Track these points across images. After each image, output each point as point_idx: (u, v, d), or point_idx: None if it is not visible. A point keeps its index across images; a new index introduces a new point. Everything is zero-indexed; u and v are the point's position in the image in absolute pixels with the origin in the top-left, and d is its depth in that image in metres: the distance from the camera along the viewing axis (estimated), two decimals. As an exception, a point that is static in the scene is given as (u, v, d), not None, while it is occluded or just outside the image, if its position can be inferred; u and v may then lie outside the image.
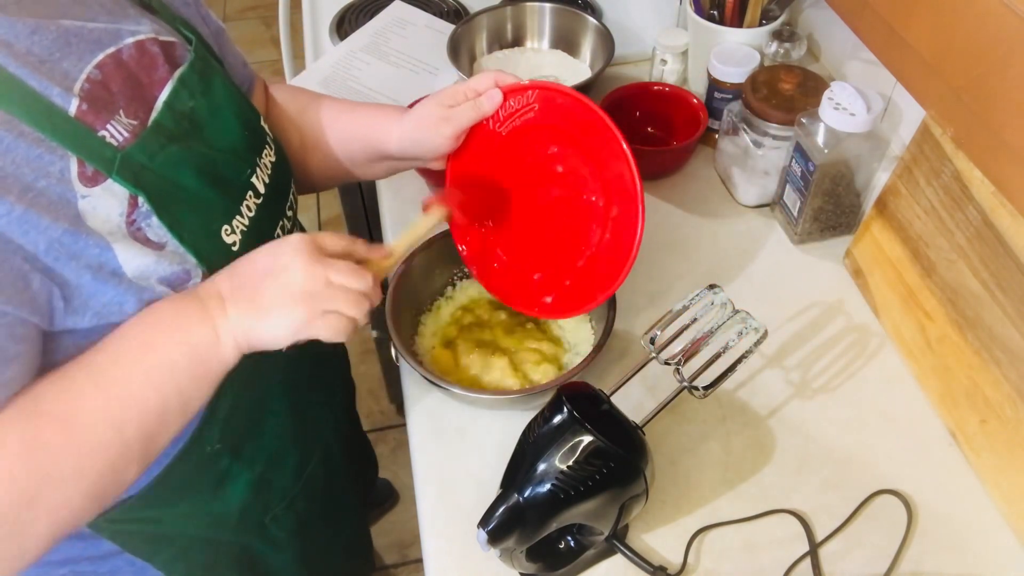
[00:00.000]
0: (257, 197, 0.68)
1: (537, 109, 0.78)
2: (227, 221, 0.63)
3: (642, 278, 0.93)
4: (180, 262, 0.59)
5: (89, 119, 0.55)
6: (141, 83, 0.60)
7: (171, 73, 0.62)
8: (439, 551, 0.73)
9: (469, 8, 1.30)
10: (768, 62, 1.02)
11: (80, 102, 0.54)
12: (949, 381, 0.78)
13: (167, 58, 0.63)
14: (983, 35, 0.51)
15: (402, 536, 1.62)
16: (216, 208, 0.63)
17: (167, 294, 0.59)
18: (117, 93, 0.58)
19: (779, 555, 0.71)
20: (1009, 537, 0.72)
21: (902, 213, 0.83)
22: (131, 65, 0.60)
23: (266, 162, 0.70)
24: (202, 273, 0.61)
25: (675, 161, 1.04)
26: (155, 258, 0.57)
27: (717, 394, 0.81)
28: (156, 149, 0.58)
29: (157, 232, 0.58)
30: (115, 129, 0.56)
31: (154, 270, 0.58)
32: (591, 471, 0.62)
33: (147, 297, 0.58)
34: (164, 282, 0.59)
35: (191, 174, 0.61)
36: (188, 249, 0.59)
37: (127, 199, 0.56)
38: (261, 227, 0.68)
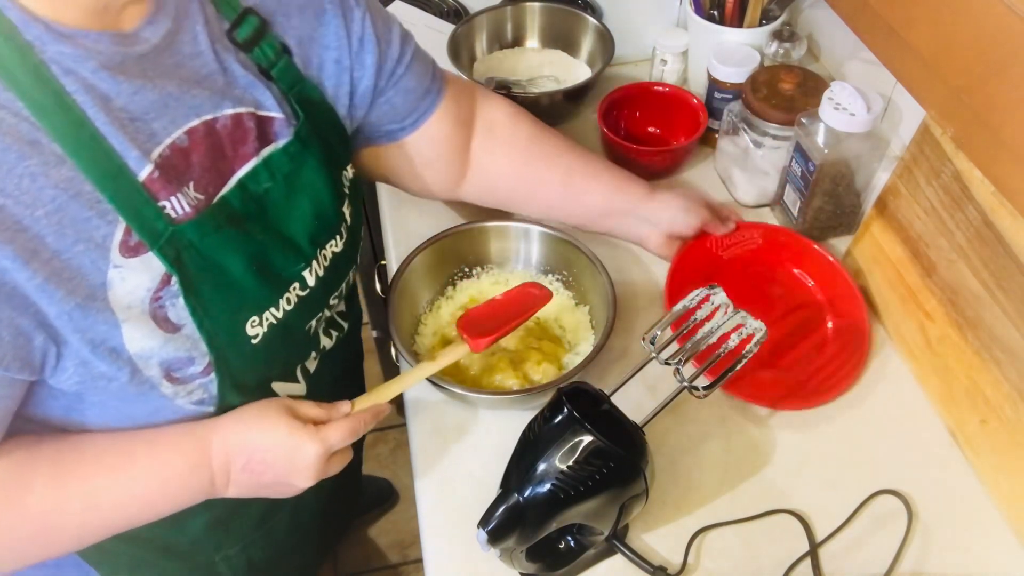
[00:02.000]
0: (303, 289, 0.66)
1: (761, 243, 0.93)
2: (258, 313, 0.62)
3: (642, 278, 0.93)
4: (189, 348, 0.58)
5: (155, 188, 0.54)
6: (225, 156, 0.59)
7: (259, 151, 0.61)
8: (439, 551, 0.73)
9: (469, 8, 1.29)
10: (768, 62, 1.02)
11: (154, 169, 0.54)
12: (949, 381, 0.78)
13: (260, 134, 0.61)
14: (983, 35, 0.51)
15: (402, 536, 1.63)
16: (252, 298, 0.61)
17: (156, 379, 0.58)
18: (196, 164, 0.57)
19: (779, 555, 0.71)
20: (1009, 537, 0.72)
21: (902, 213, 0.83)
22: (221, 135, 0.58)
23: (327, 253, 0.68)
24: (206, 362, 0.60)
25: (675, 161, 1.04)
26: (163, 341, 0.57)
27: (717, 394, 0.82)
28: (210, 229, 0.57)
29: (179, 314, 0.57)
30: (178, 202, 0.55)
31: (158, 353, 0.57)
32: (591, 471, 0.62)
33: (139, 377, 0.57)
34: (163, 365, 0.58)
35: (239, 260, 0.59)
36: (203, 336, 0.58)
37: (160, 276, 0.55)
38: (293, 321, 0.66)
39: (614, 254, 0.95)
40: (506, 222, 0.90)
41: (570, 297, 0.90)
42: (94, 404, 0.59)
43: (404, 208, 1.02)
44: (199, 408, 0.62)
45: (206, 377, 0.60)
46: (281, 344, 0.66)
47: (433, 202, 1.01)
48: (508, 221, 0.90)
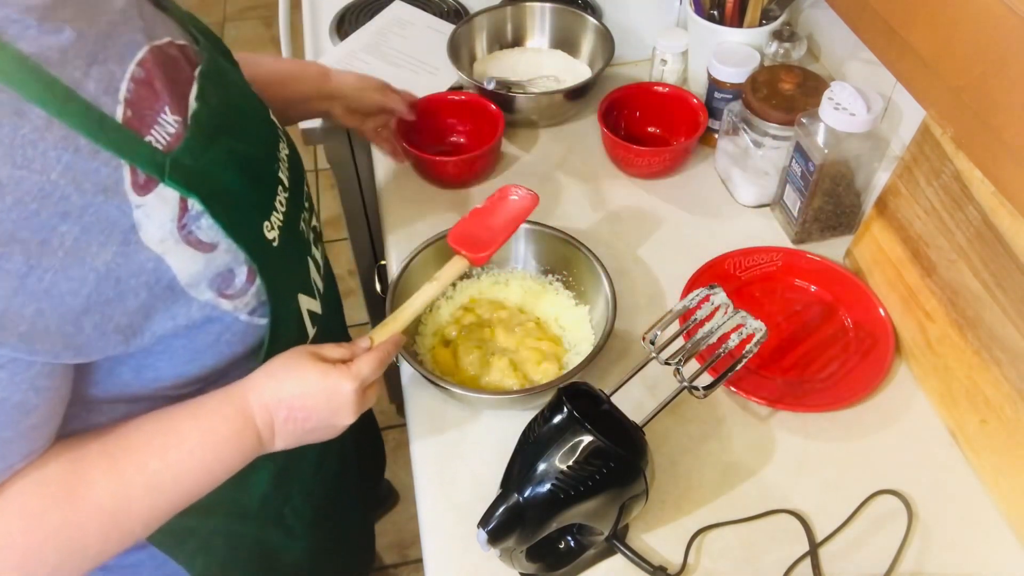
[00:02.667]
0: (284, 191, 0.68)
1: (780, 264, 0.93)
2: (267, 216, 0.64)
3: (642, 278, 0.93)
4: (229, 262, 0.60)
5: (136, 125, 0.54)
6: (176, 79, 0.60)
7: (192, 72, 0.62)
8: (439, 551, 0.73)
9: (469, 8, 1.30)
10: (768, 62, 1.02)
11: (126, 108, 0.54)
12: (949, 381, 0.78)
13: (186, 60, 0.62)
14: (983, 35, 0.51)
15: (402, 536, 1.63)
16: (257, 204, 0.64)
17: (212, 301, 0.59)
18: (160, 90, 0.57)
19: (779, 555, 0.71)
20: (1009, 537, 0.72)
21: (902, 213, 0.83)
22: (164, 61, 0.60)
23: (283, 155, 0.71)
24: (246, 271, 0.61)
25: (675, 161, 1.04)
26: (205, 261, 0.58)
27: (717, 394, 0.82)
28: (200, 151, 0.58)
29: (208, 233, 0.58)
30: (159, 133, 0.56)
31: (204, 274, 0.58)
32: (591, 471, 0.62)
33: (197, 303, 0.59)
34: (212, 285, 0.59)
35: (233, 172, 0.61)
36: (240, 246, 0.60)
37: (178, 203, 0.56)
38: (290, 222, 0.69)
39: (614, 254, 0.95)
40: (506, 222, 0.90)
41: (570, 297, 0.90)
42: (161, 353, 0.60)
43: (404, 208, 1.02)
44: (254, 320, 0.64)
45: (252, 285, 0.62)
46: (292, 246, 0.68)
47: (433, 202, 1.02)
48: (508, 221, 0.90)
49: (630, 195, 1.03)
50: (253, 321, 0.64)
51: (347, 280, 2.08)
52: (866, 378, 0.82)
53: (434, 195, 1.03)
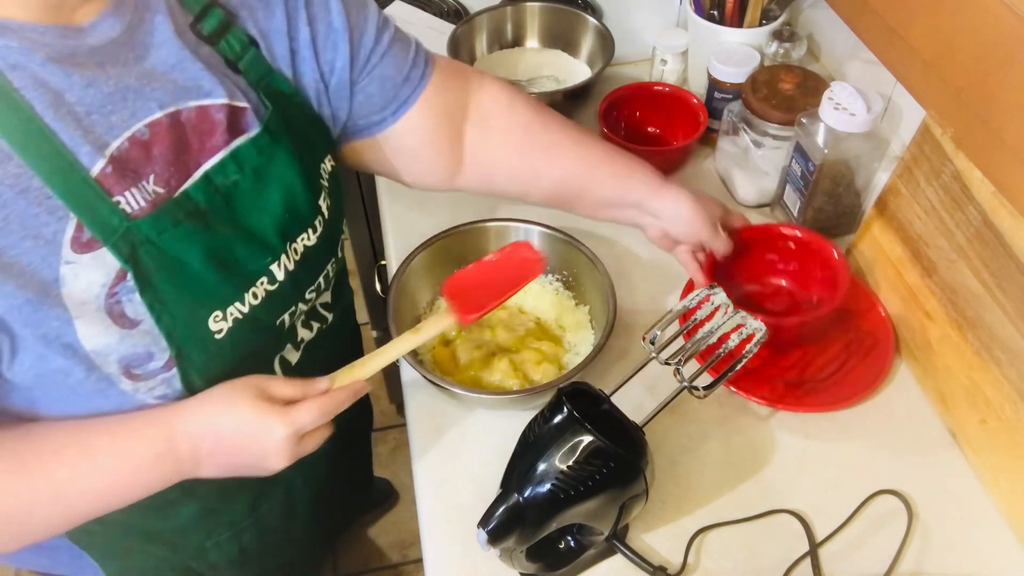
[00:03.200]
0: (272, 284, 0.65)
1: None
2: (221, 307, 0.61)
3: (642, 278, 0.93)
4: (148, 344, 0.58)
5: (108, 183, 0.53)
6: (190, 148, 0.58)
7: (227, 143, 0.60)
8: (439, 551, 0.73)
9: (469, 8, 1.29)
10: (768, 62, 1.02)
11: (107, 164, 0.53)
12: (949, 381, 0.78)
13: (230, 126, 0.60)
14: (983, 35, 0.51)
15: (402, 536, 1.63)
16: (213, 293, 0.61)
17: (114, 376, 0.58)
18: (157, 156, 0.56)
19: (779, 555, 0.71)
20: (1009, 537, 0.72)
21: (902, 213, 0.83)
22: (186, 128, 0.58)
23: (298, 247, 0.67)
24: (167, 357, 0.59)
25: (675, 161, 1.04)
26: (119, 337, 0.56)
27: (717, 394, 0.82)
28: (168, 224, 0.56)
29: (136, 309, 0.56)
30: (133, 197, 0.55)
31: (115, 349, 0.56)
32: (591, 471, 0.62)
33: (96, 373, 0.57)
34: (122, 361, 0.57)
35: (198, 255, 0.59)
36: (162, 332, 0.58)
37: (116, 271, 0.54)
38: (262, 315, 0.65)
39: (614, 254, 0.95)
40: (506, 222, 0.90)
41: (570, 297, 0.90)
42: (55, 399, 0.59)
43: (404, 208, 1.02)
44: (162, 403, 0.62)
45: (168, 372, 0.60)
46: (250, 339, 0.65)
47: (433, 202, 1.01)
48: (508, 221, 0.90)
49: (630, 195, 1.03)
50: (162, 404, 0.62)
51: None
52: (866, 378, 0.82)
53: (434, 195, 1.03)
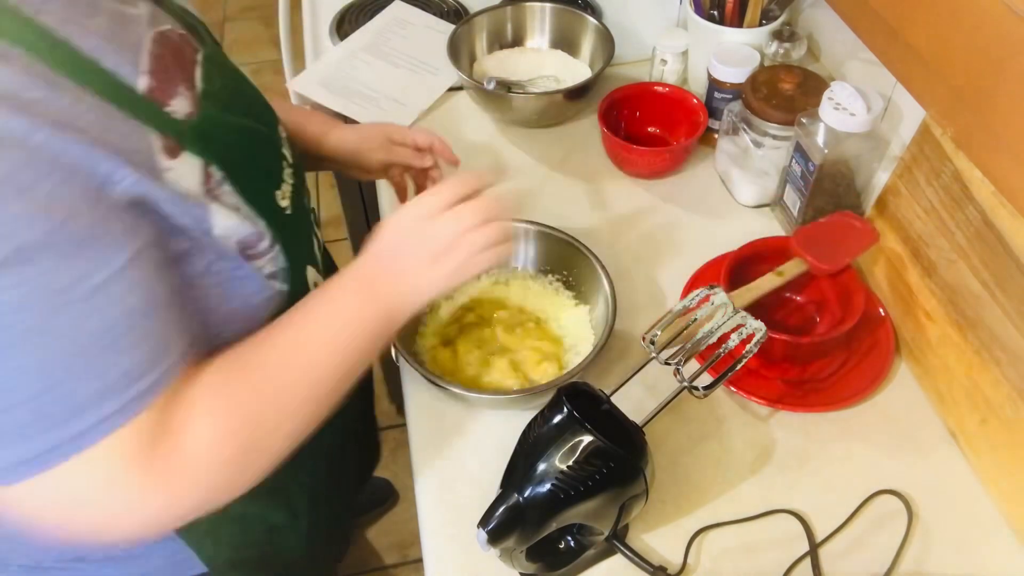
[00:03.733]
0: (288, 164, 0.70)
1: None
2: (278, 186, 0.66)
3: (642, 278, 0.93)
4: (253, 224, 0.61)
5: (157, 95, 0.56)
6: (182, 62, 0.61)
7: (195, 56, 0.63)
8: (439, 551, 0.73)
9: (469, 8, 1.30)
10: (768, 62, 1.02)
11: (149, 79, 0.55)
12: (949, 381, 0.78)
13: (188, 45, 0.64)
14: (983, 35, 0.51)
15: (402, 536, 1.63)
16: (269, 174, 0.66)
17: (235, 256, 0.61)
18: (172, 67, 0.59)
19: (779, 555, 0.71)
20: (1009, 537, 0.72)
21: (902, 213, 0.83)
22: (169, 48, 0.61)
23: (283, 135, 0.72)
24: (269, 236, 0.63)
25: (675, 161, 1.04)
26: (237, 220, 0.59)
27: (717, 394, 0.82)
28: (215, 120, 0.60)
29: (230, 199, 0.59)
30: (179, 103, 0.57)
31: (236, 230, 0.60)
32: (591, 471, 0.62)
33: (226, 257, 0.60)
34: (241, 243, 0.61)
35: (245, 140, 0.63)
36: (257, 212, 0.62)
37: (202, 169, 0.57)
38: (297, 192, 0.71)
39: (614, 254, 0.95)
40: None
41: (570, 297, 0.90)
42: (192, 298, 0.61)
43: (404, 208, 1.02)
44: (273, 283, 0.65)
45: (272, 250, 0.63)
46: (300, 217, 0.70)
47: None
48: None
49: (630, 195, 1.03)
50: (273, 285, 0.65)
51: (347, 280, 2.08)
52: (866, 378, 0.82)
53: (434, 195, 1.03)
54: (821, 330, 0.86)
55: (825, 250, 0.83)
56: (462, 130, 1.13)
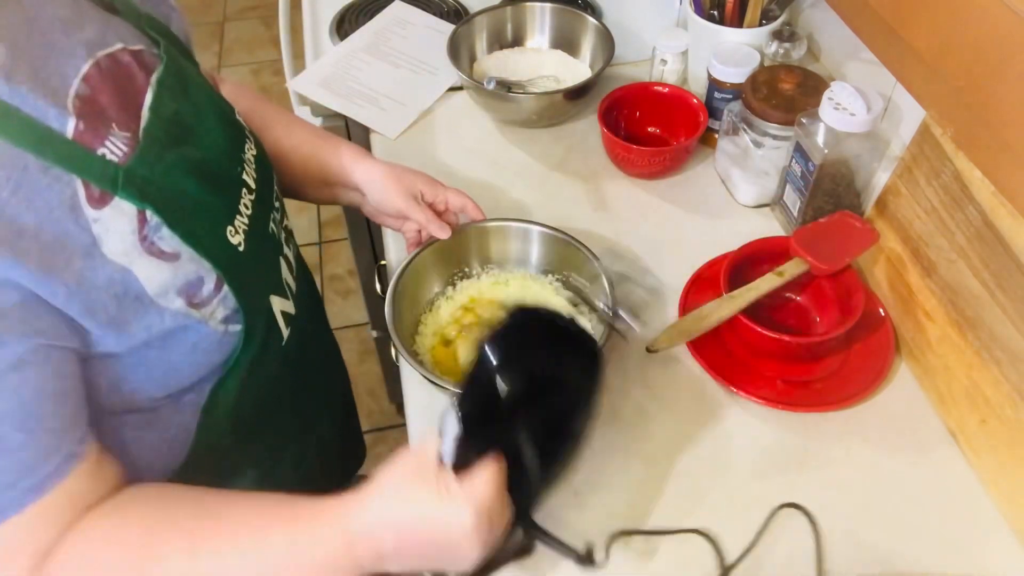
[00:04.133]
0: (250, 193, 0.68)
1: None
2: (230, 222, 0.64)
3: (641, 278, 0.93)
4: (195, 270, 0.60)
5: (87, 139, 0.54)
6: (125, 92, 0.59)
7: (147, 80, 0.61)
8: (439, 551, 0.73)
9: (469, 8, 1.30)
10: (768, 62, 1.02)
11: (77, 121, 0.53)
12: (949, 381, 0.78)
13: (140, 66, 0.61)
14: (983, 35, 0.51)
15: (402, 536, 1.62)
16: (218, 211, 0.63)
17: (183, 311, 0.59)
18: (107, 105, 0.57)
19: (787, 550, 0.71)
20: (1009, 537, 0.72)
21: (902, 213, 0.83)
22: (112, 76, 0.58)
23: (249, 156, 0.70)
24: (214, 278, 0.61)
25: (675, 161, 1.04)
26: (172, 270, 0.58)
27: (717, 394, 0.82)
28: (154, 160, 0.58)
29: (170, 243, 0.58)
30: (113, 145, 0.55)
31: (172, 283, 0.58)
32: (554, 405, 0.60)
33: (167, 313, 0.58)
34: (181, 293, 0.59)
35: (191, 180, 0.61)
36: (202, 254, 0.59)
37: (136, 215, 0.55)
38: (257, 224, 0.68)
39: (614, 254, 0.95)
40: (507, 222, 0.90)
41: (570, 297, 0.90)
42: (136, 366, 0.59)
43: (404, 208, 1.02)
44: (228, 327, 0.63)
45: (219, 293, 0.62)
46: (259, 249, 0.68)
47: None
48: (508, 221, 0.90)
49: (630, 195, 1.03)
50: (227, 329, 0.64)
51: (347, 280, 2.08)
52: (866, 378, 0.82)
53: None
54: (821, 330, 0.86)
55: (825, 250, 0.83)
56: (462, 130, 1.13)
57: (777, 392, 0.81)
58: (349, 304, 1.98)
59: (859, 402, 0.81)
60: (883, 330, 0.85)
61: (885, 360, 0.83)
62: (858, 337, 0.85)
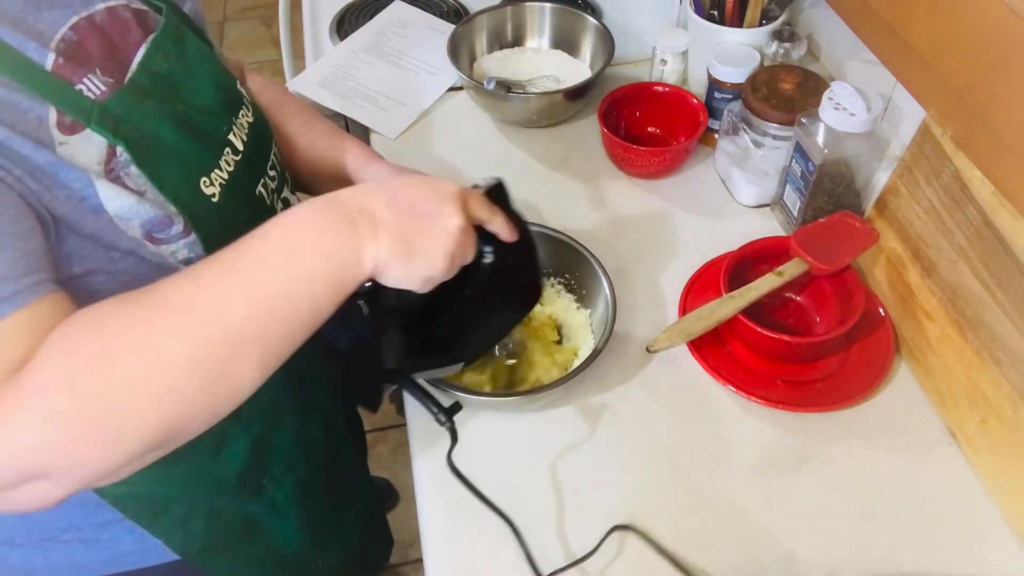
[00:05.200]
0: (235, 154, 0.68)
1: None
2: (205, 173, 0.64)
3: (642, 278, 0.93)
4: (161, 208, 0.60)
5: (66, 73, 0.55)
6: (116, 45, 0.60)
7: (144, 38, 0.63)
8: (439, 551, 0.73)
9: (469, 8, 1.30)
10: (768, 62, 1.02)
11: (57, 56, 0.55)
12: (949, 381, 0.78)
13: (139, 23, 0.63)
14: (983, 35, 0.51)
15: (402, 536, 1.62)
16: (194, 160, 0.64)
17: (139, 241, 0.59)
18: (93, 54, 0.58)
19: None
20: (1009, 537, 0.72)
21: (902, 213, 0.83)
22: (105, 28, 0.60)
23: (243, 122, 0.71)
24: (183, 221, 0.61)
25: (675, 161, 1.04)
26: (136, 200, 0.58)
27: (718, 395, 0.82)
28: (133, 104, 0.59)
29: (136, 181, 0.58)
30: (92, 83, 0.57)
31: (136, 212, 0.58)
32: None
33: (124, 238, 0.58)
34: (146, 225, 0.59)
35: (169, 127, 0.62)
36: (168, 197, 0.60)
37: (105, 148, 0.57)
38: (241, 183, 0.69)
39: (614, 254, 0.94)
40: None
41: (572, 300, 0.89)
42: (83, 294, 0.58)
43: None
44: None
45: (188, 237, 0.62)
46: (240, 205, 0.68)
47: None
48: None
49: (630, 195, 1.03)
50: None
51: (347, 280, 2.08)
52: (866, 378, 0.82)
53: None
54: (821, 330, 0.86)
55: (825, 250, 0.83)
56: (462, 130, 1.13)
57: (777, 392, 0.81)
58: (349, 304, 1.98)
59: (859, 402, 0.81)
60: (883, 330, 0.85)
61: (885, 360, 0.83)
62: (858, 337, 0.85)
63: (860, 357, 0.84)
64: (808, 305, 0.90)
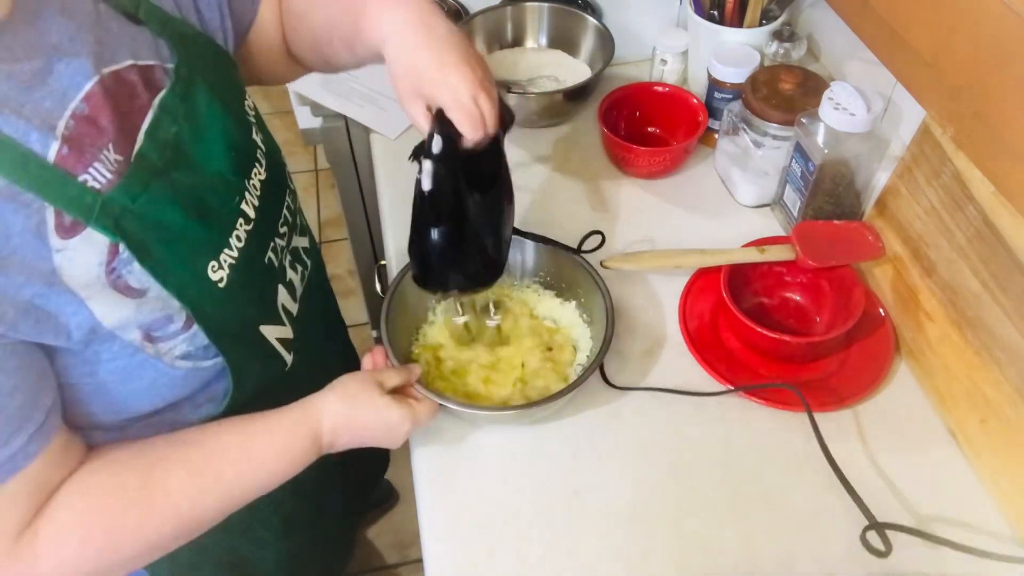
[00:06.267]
0: (247, 223, 0.66)
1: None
2: (214, 257, 0.62)
3: (642, 279, 0.93)
4: (162, 308, 0.59)
5: (70, 164, 0.52)
6: (126, 112, 0.58)
7: (151, 100, 0.60)
8: (439, 551, 0.73)
9: (469, 8, 1.29)
10: (768, 62, 1.02)
11: (61, 145, 0.52)
12: (949, 381, 0.78)
13: (146, 84, 0.60)
14: (983, 35, 0.51)
15: (402, 536, 1.63)
16: (202, 244, 0.61)
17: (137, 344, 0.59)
18: (106, 126, 0.55)
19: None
20: (1009, 537, 0.72)
21: (902, 213, 0.83)
22: (116, 93, 0.57)
23: (255, 183, 0.68)
24: (185, 316, 0.60)
25: (675, 161, 1.04)
26: (135, 307, 0.57)
27: (718, 394, 0.82)
28: (139, 189, 0.56)
29: (139, 279, 0.56)
30: (98, 172, 0.54)
31: (134, 318, 0.57)
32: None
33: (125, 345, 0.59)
34: (143, 328, 0.58)
35: (176, 210, 0.59)
36: (172, 292, 0.58)
37: (107, 248, 0.54)
38: (251, 255, 0.66)
39: (614, 254, 0.94)
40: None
41: (572, 308, 0.89)
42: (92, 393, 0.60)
43: (404, 208, 1.02)
44: (188, 363, 0.63)
45: (188, 331, 0.62)
46: (248, 282, 0.67)
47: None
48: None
49: (630, 195, 1.03)
50: (194, 365, 0.64)
51: (347, 280, 2.08)
52: (866, 378, 0.82)
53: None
54: (821, 330, 0.86)
55: (819, 247, 0.83)
56: (462, 130, 1.13)
57: (777, 392, 0.81)
58: (349, 304, 1.98)
59: (859, 402, 0.81)
60: (883, 330, 0.85)
61: (885, 360, 0.83)
62: (858, 337, 0.85)
63: (860, 357, 0.84)
64: (808, 305, 0.90)
